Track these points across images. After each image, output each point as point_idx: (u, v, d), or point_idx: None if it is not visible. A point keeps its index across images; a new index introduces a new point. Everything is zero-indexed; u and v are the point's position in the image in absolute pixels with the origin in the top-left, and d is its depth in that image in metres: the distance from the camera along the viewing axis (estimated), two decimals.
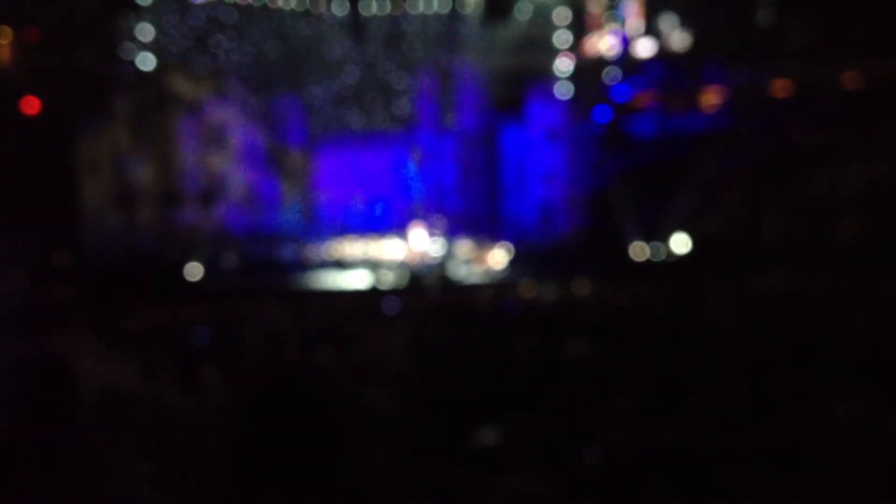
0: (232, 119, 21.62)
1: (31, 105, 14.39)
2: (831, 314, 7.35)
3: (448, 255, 19.67)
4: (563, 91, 20.96)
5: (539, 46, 21.22)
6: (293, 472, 1.68)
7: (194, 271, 16.93)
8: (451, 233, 20.56)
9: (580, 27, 21.08)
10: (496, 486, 2.09)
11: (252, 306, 10.69)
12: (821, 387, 4.71)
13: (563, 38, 20.98)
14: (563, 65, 21.01)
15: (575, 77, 20.97)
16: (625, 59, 20.73)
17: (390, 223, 21.90)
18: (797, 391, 4.73)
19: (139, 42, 18.83)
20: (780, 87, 18.80)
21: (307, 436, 1.70)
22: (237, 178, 21.77)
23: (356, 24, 21.78)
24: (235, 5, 20.68)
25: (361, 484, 1.73)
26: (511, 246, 19.10)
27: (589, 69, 20.84)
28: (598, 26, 21.00)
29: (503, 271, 18.27)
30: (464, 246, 19.92)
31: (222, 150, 21.35)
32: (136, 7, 18.81)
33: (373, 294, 14.97)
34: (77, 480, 1.65)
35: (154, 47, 19.16)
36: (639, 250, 18.02)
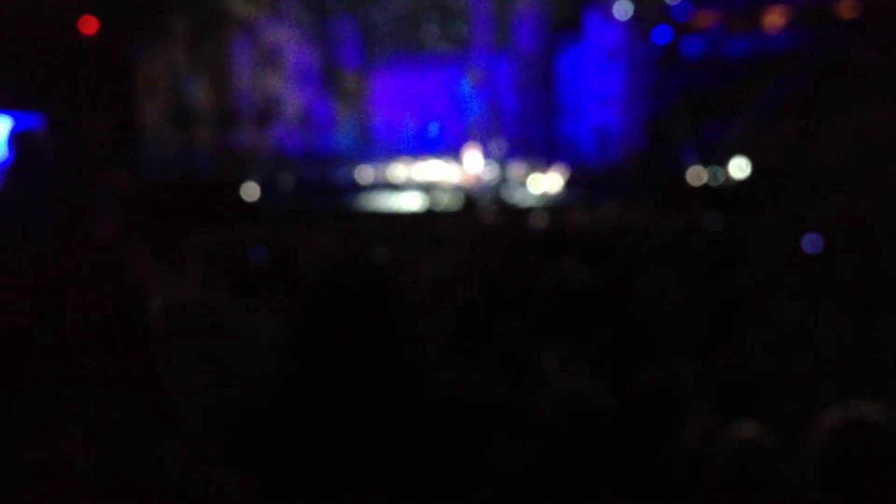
0: (287, 40, 21.59)
1: (88, 25, 14.43)
2: (888, 242, 7.21)
3: (503, 178, 19.61)
4: (622, 11, 20.52)
5: None
6: (346, 385, 1.69)
7: (251, 192, 17.07)
8: (507, 155, 20.48)
9: None
10: (549, 389, 2.11)
11: (307, 227, 10.77)
12: (878, 315, 4.65)
13: None
14: None
15: None
16: None
17: (445, 145, 21.86)
18: (852, 319, 4.68)
19: None
20: (846, 8, 18.25)
21: (362, 346, 1.71)
22: (292, 99, 21.82)
23: None
24: None
25: (414, 397, 1.74)
26: (567, 169, 18.95)
27: None
28: None
29: (558, 195, 18.17)
30: (519, 169, 19.82)
31: (278, 71, 21.37)
32: None
33: (427, 216, 14.97)
34: (144, 386, 1.69)
35: None
36: (696, 174, 17.78)
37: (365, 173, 20.27)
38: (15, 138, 2.52)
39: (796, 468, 2.06)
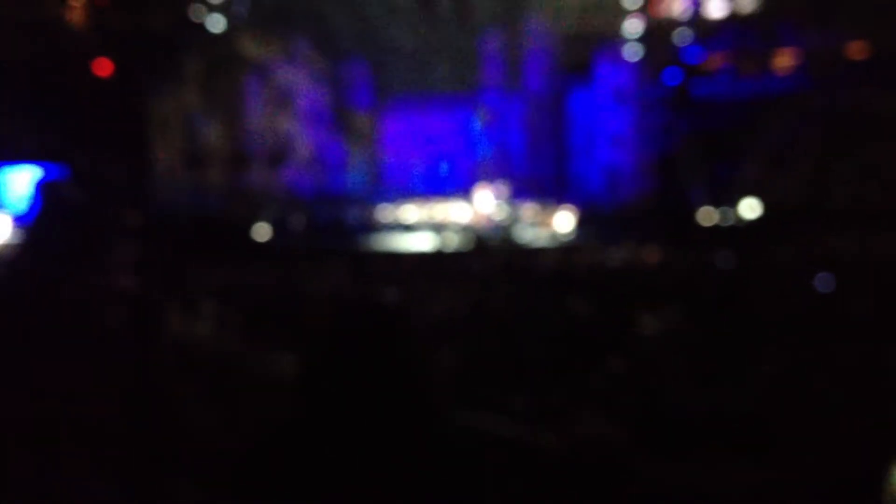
0: (299, 81, 21.76)
1: (103, 67, 14.57)
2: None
3: (514, 218, 19.64)
4: (633, 53, 20.65)
5: (609, 7, 20.91)
6: (358, 423, 1.70)
7: (262, 232, 17.12)
8: (517, 195, 20.53)
9: None
10: (562, 434, 2.12)
11: (318, 267, 10.78)
12: (889, 354, 4.63)
13: None
14: (633, 26, 20.69)
15: (645, 39, 20.64)
16: (696, 20, 20.35)
17: (456, 185, 21.93)
18: (868, 357, 4.66)
19: (209, 3, 18.94)
20: (855, 50, 18.32)
21: (373, 385, 1.72)
22: (304, 139, 21.94)
23: None
24: None
25: (425, 433, 1.75)
26: (577, 209, 18.97)
27: (659, 31, 20.49)
28: None
29: (569, 235, 18.18)
30: (529, 209, 19.86)
31: (289, 112, 21.51)
32: None
33: (438, 256, 14.97)
34: (154, 421, 1.71)
35: (223, 9, 19.25)
36: (707, 215, 17.77)
37: (376, 213, 20.34)
38: (43, 189, 2.57)
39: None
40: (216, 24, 19.02)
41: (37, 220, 2.53)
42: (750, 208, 17.53)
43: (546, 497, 2.14)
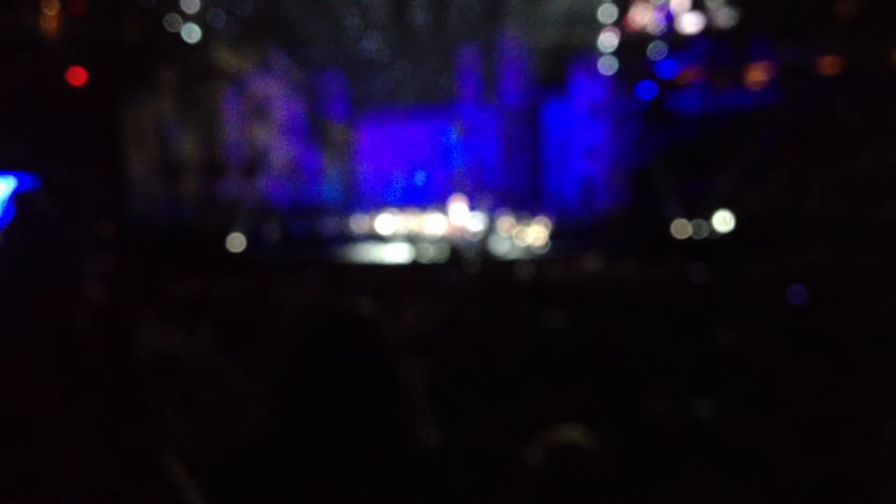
0: (275, 91, 21.72)
1: (77, 76, 14.49)
2: (874, 295, 7.27)
3: (489, 230, 19.66)
4: (608, 66, 20.76)
5: (584, 21, 21.01)
6: (332, 435, 1.70)
7: (237, 242, 17.05)
8: (492, 207, 20.56)
9: (625, 1, 20.83)
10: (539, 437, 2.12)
11: (293, 278, 10.75)
12: (861, 369, 4.67)
13: (607, 12, 20.73)
14: (608, 40, 20.80)
15: (619, 52, 20.74)
16: (670, 34, 20.45)
17: (431, 197, 21.95)
18: (838, 372, 4.69)
19: (184, 13, 18.87)
20: (828, 64, 18.50)
21: (347, 396, 1.72)
22: (279, 150, 21.90)
23: None
24: None
25: (400, 445, 1.75)
26: (552, 221, 19.02)
27: (634, 44, 20.59)
28: (644, 1, 20.75)
29: (543, 246, 18.22)
30: (504, 221, 19.89)
31: (265, 122, 21.47)
32: None
33: (413, 267, 14.96)
34: (131, 430, 1.70)
35: (199, 19, 19.18)
36: (681, 227, 17.87)
37: (351, 224, 20.30)
38: (16, 199, 2.56)
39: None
40: (191, 33, 18.94)
41: (8, 231, 2.51)
42: (723, 221, 17.64)
43: None
